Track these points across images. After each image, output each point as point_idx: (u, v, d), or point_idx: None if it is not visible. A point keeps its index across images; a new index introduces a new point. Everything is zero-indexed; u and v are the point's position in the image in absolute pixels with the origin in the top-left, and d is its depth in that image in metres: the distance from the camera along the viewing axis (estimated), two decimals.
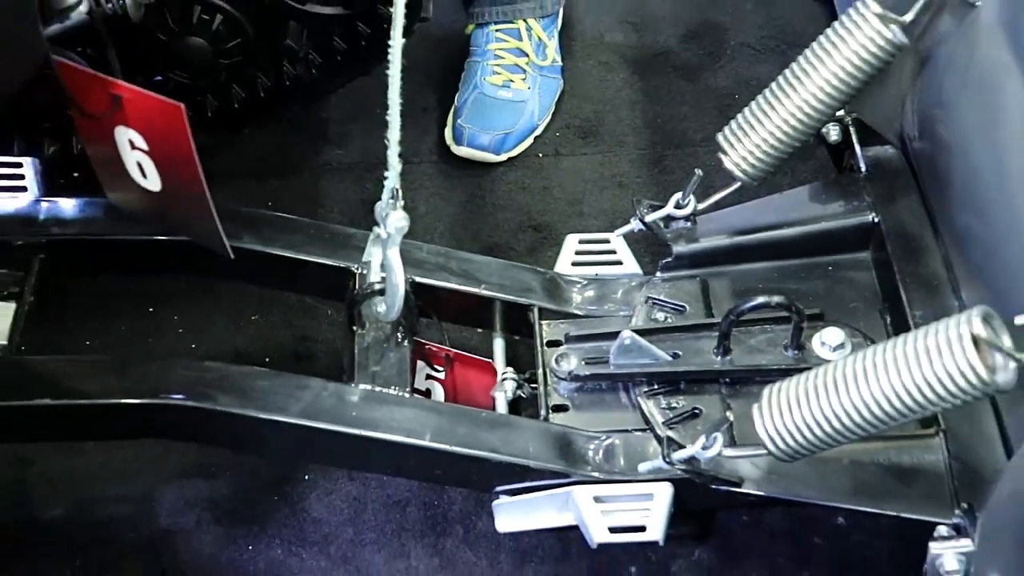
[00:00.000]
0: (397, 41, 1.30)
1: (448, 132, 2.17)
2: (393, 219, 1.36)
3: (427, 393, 1.57)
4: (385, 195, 1.38)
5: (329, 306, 1.76)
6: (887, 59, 1.42)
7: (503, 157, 2.15)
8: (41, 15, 1.34)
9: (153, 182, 1.42)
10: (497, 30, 2.19)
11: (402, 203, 1.37)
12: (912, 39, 1.43)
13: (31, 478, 1.72)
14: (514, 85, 2.18)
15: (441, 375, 1.59)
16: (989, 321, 1.09)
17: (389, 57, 1.31)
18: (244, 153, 2.08)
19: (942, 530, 1.24)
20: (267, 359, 1.81)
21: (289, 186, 2.09)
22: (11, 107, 1.56)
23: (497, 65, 2.18)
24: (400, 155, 1.34)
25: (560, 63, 2.25)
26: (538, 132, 2.18)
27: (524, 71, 2.19)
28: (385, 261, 1.41)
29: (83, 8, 1.36)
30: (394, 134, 1.34)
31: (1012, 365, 1.07)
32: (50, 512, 1.69)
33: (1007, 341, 1.08)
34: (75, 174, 1.81)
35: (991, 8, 1.37)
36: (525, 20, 2.19)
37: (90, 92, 1.37)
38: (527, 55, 2.19)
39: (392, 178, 1.36)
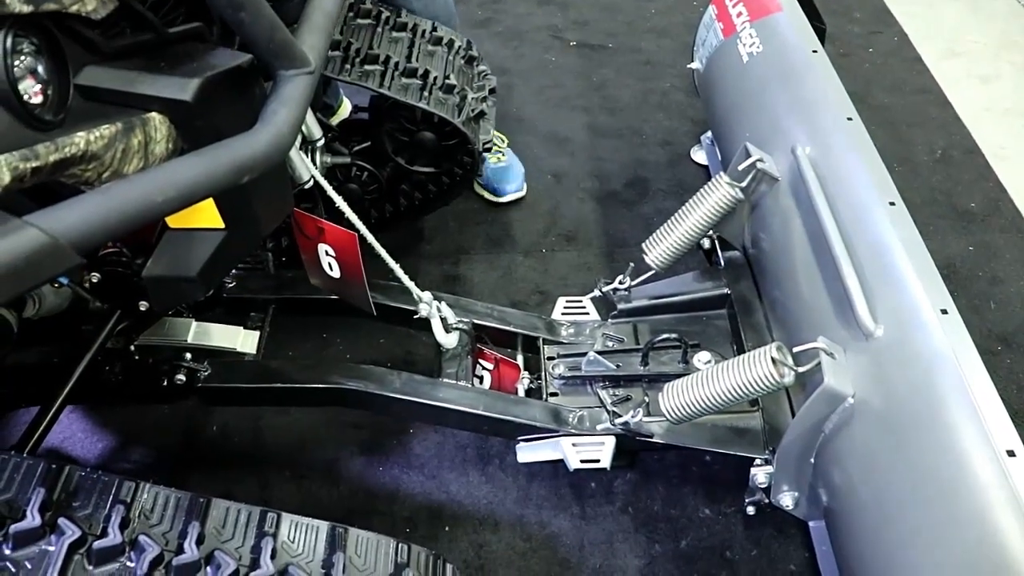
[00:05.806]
0: None
1: (479, 190, 2.29)
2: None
3: (480, 379, 1.56)
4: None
5: (424, 335, 1.65)
6: (734, 205, 1.48)
7: (521, 193, 2.30)
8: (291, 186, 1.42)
9: (335, 272, 1.47)
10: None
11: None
12: (746, 195, 1.49)
13: (262, 426, 1.76)
14: (502, 158, 2.31)
15: (490, 367, 1.59)
16: (781, 349, 1.17)
17: None
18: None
19: (758, 461, 1.31)
20: (389, 363, 1.80)
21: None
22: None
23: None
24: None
25: (507, 143, 2.40)
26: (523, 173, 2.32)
27: (501, 151, 2.32)
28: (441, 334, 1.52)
29: (309, 181, 1.44)
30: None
31: (792, 373, 1.15)
32: (270, 446, 1.73)
33: (790, 360, 1.16)
34: (283, 259, 1.83)
35: (786, 186, 1.42)
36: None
37: (307, 225, 1.43)
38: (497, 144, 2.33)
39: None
